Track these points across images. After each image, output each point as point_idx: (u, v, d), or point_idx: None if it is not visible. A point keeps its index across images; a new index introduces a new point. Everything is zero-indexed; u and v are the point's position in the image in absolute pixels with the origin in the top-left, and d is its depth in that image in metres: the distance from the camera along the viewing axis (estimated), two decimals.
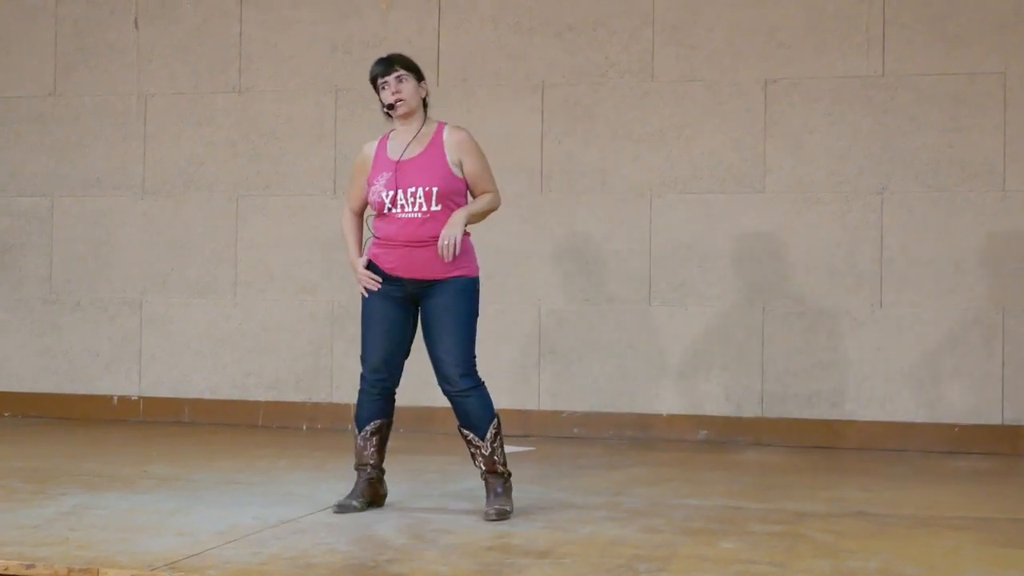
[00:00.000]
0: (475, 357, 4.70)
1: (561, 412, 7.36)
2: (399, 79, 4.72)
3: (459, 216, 4.60)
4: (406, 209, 4.61)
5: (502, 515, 4.61)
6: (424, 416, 7.17)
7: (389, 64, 4.76)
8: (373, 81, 4.79)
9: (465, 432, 4.70)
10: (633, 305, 7.28)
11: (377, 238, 4.70)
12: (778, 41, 7.18)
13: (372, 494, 4.81)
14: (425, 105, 4.79)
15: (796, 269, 7.10)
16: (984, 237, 6.89)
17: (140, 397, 7.94)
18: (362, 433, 4.79)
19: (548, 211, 7.41)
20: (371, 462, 4.79)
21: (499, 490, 4.72)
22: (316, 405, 7.67)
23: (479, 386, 4.68)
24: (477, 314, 4.74)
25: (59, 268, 8.09)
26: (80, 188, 8.08)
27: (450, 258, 4.56)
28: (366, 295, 4.72)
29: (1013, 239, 6.86)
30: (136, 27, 8.04)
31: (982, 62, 6.93)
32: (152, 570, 3.71)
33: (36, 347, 8.12)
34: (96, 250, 8.04)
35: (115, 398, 7.97)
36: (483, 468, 4.72)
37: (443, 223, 4.60)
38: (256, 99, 7.85)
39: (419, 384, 7.32)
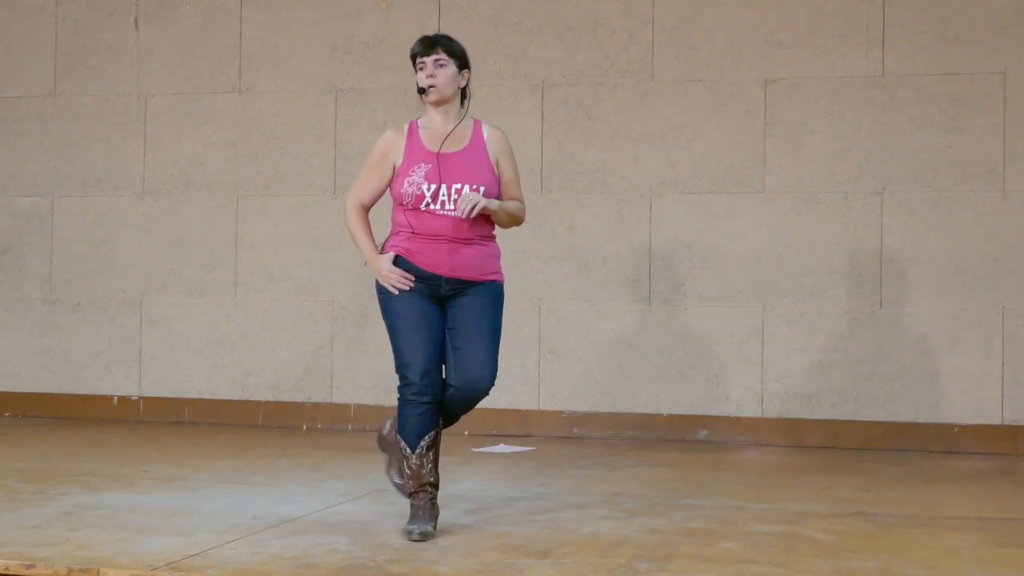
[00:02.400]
0: None
1: (561, 412, 7.36)
2: (438, 63, 4.36)
3: (494, 201, 4.36)
4: (446, 206, 4.29)
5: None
6: None
7: (430, 45, 4.39)
8: (412, 58, 4.42)
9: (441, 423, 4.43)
10: (633, 305, 7.29)
11: (413, 232, 4.32)
12: (778, 41, 7.18)
13: (436, 515, 4.34)
14: (464, 96, 4.46)
15: (796, 269, 7.10)
16: (984, 237, 6.89)
17: (140, 397, 7.94)
18: (417, 451, 4.30)
19: (548, 211, 7.40)
20: (431, 480, 4.32)
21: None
22: (316, 405, 7.67)
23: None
24: None
25: (59, 268, 8.10)
26: (80, 188, 8.08)
27: (464, 214, 4.23)
28: (395, 293, 4.33)
29: (1013, 239, 6.86)
30: (136, 27, 8.04)
31: (982, 62, 6.93)
32: (152, 570, 3.71)
33: (36, 347, 8.12)
34: (96, 250, 8.05)
35: (115, 398, 7.97)
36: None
37: (484, 223, 4.38)
38: (256, 99, 7.85)
39: None
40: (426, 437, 4.31)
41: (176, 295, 7.91)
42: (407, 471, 4.34)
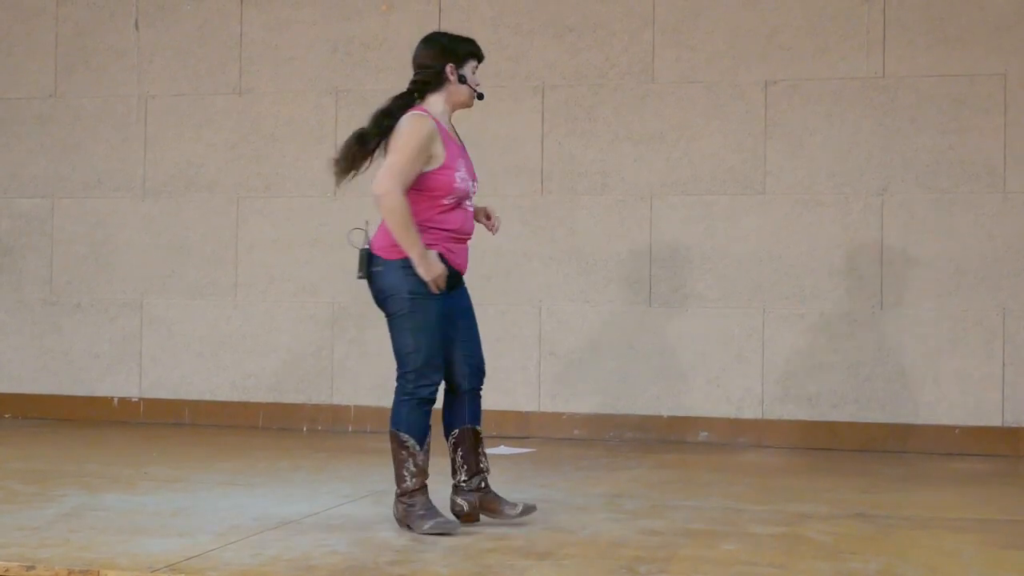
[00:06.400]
0: None
1: (562, 413, 7.36)
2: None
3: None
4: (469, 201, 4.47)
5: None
6: None
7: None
8: (474, 56, 4.47)
9: (479, 429, 4.57)
10: (633, 306, 7.29)
11: (448, 232, 4.36)
12: (778, 42, 7.18)
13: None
14: None
15: (796, 270, 7.10)
16: (984, 238, 6.89)
17: (140, 399, 7.94)
18: (425, 447, 4.41)
19: (549, 212, 7.41)
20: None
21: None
22: (316, 407, 7.67)
23: None
24: None
25: (59, 269, 8.10)
26: (80, 189, 8.08)
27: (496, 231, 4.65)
28: (436, 292, 4.31)
29: (1013, 240, 6.86)
30: (136, 29, 8.04)
31: (982, 64, 6.93)
32: (152, 571, 3.72)
33: (36, 348, 8.12)
34: (96, 251, 8.05)
35: (115, 400, 7.97)
36: (486, 469, 4.60)
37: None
38: (256, 100, 7.86)
39: None
40: (430, 433, 4.44)
41: (176, 296, 7.91)
42: (413, 468, 4.39)
